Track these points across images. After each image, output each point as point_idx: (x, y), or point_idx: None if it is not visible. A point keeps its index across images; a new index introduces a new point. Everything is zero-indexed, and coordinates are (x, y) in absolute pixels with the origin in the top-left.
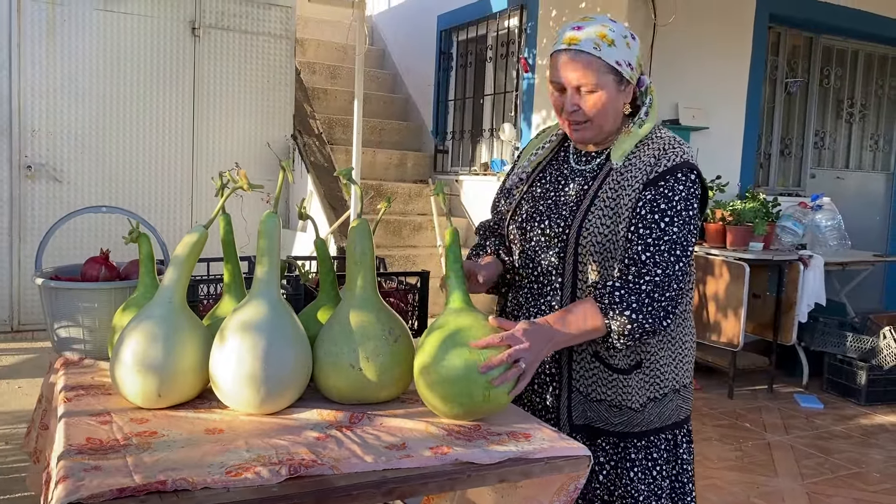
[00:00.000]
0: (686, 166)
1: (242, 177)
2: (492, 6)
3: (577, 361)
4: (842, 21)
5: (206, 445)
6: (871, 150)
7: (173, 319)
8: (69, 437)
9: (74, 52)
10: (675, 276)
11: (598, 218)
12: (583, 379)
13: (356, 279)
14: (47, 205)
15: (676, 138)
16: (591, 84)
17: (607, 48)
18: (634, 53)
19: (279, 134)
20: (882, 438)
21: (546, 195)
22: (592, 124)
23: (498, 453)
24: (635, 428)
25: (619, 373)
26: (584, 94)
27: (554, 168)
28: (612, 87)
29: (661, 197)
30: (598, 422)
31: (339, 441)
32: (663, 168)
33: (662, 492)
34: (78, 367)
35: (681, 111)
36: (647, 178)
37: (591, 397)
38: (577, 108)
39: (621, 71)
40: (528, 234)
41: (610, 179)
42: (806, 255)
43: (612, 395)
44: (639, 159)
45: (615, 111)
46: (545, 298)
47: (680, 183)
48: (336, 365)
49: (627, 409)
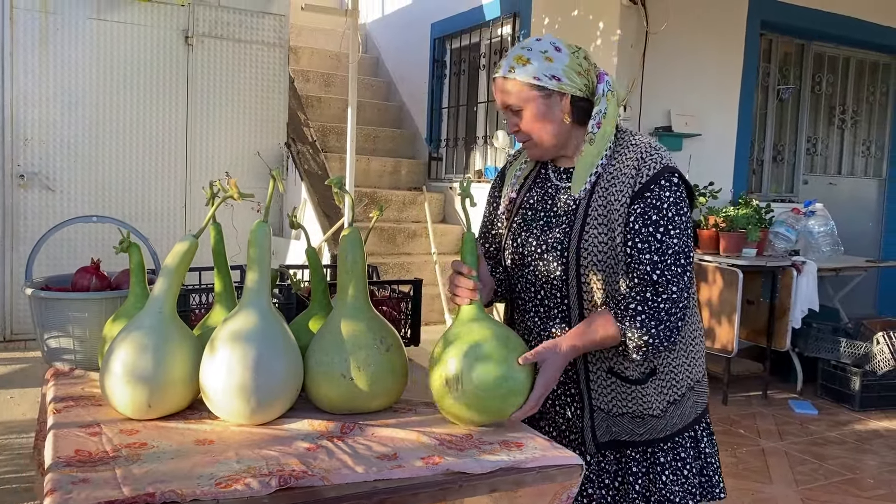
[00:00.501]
0: (667, 171)
1: (233, 186)
2: (485, 14)
3: (594, 380)
4: (833, 28)
5: (196, 457)
6: (863, 156)
7: (163, 329)
8: (58, 449)
9: (67, 61)
10: (686, 286)
11: (594, 231)
12: (602, 396)
13: (347, 288)
14: (40, 214)
15: (652, 144)
16: (515, 103)
17: (521, 68)
18: (560, 65)
19: (273, 142)
20: (876, 444)
21: (537, 215)
22: (533, 141)
23: (489, 463)
24: (660, 434)
25: (635, 384)
26: (518, 114)
27: (538, 188)
28: (539, 102)
29: (651, 208)
30: (624, 435)
31: (330, 451)
32: (645, 178)
33: (695, 489)
34: (68, 378)
35: (673, 118)
36: (633, 191)
37: (613, 412)
38: (516, 128)
39: (544, 85)
40: (527, 259)
41: (597, 192)
42: (799, 261)
43: (632, 406)
44: (619, 170)
45: (553, 124)
46: (554, 321)
47: (665, 190)
48: (327, 375)
49: (650, 416)
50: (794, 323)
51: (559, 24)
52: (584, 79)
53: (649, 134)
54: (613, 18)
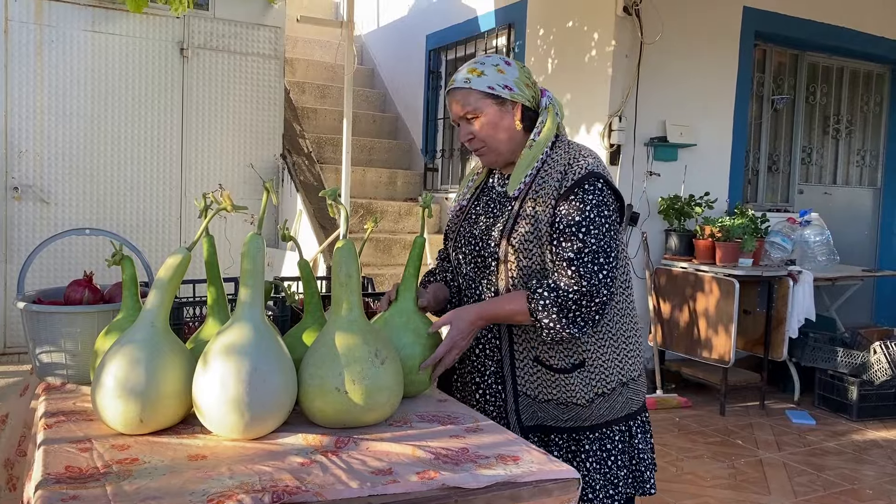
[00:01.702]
0: (592, 176)
1: (226, 198)
2: (480, 26)
3: (520, 368)
4: (826, 38)
5: (188, 472)
6: (857, 166)
7: (156, 343)
8: (48, 465)
9: (62, 73)
10: (603, 283)
11: (521, 228)
12: (528, 383)
13: (342, 301)
14: (34, 226)
15: (583, 150)
16: (471, 110)
17: (476, 79)
18: (511, 77)
19: (269, 153)
20: (874, 454)
21: (478, 220)
22: (488, 147)
23: (486, 477)
24: (585, 422)
25: (560, 373)
26: (471, 122)
27: (485, 195)
28: (492, 109)
29: (575, 210)
30: (549, 420)
31: (325, 466)
32: (570, 181)
33: (619, 480)
34: (60, 393)
35: (668, 128)
36: (559, 193)
37: (539, 398)
38: (471, 136)
39: (497, 93)
40: (466, 258)
41: (529, 194)
42: (795, 271)
43: (557, 394)
44: (549, 175)
45: (505, 130)
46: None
47: (589, 193)
48: (321, 388)
49: (574, 405)
50: (791, 333)
51: (554, 35)
52: (532, 91)
53: (644, 145)
54: (608, 29)
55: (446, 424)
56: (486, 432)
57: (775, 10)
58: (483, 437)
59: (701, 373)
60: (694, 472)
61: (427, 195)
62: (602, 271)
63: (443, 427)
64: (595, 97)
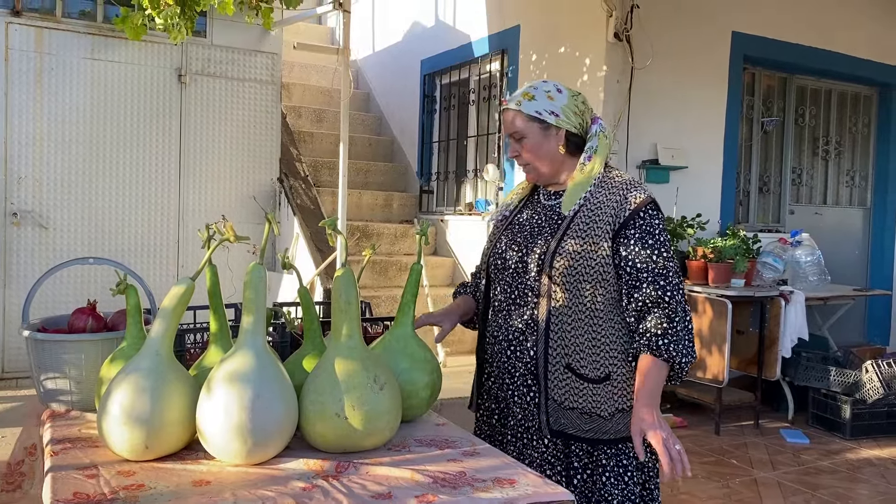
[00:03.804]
0: (652, 202)
1: (229, 229)
2: (474, 51)
3: (552, 372)
4: (814, 62)
5: (193, 498)
6: (847, 186)
7: (160, 371)
8: (56, 491)
9: (62, 100)
10: (685, 299)
11: (570, 241)
12: (557, 388)
13: (341, 328)
14: (33, 252)
15: (636, 179)
16: (518, 131)
17: (527, 102)
18: (560, 103)
19: (266, 177)
20: (868, 473)
21: (523, 228)
22: (531, 166)
23: (483, 500)
24: (605, 435)
25: (589, 382)
26: (519, 141)
27: (529, 208)
28: (538, 133)
29: (646, 234)
30: (571, 428)
31: (326, 491)
32: (633, 205)
33: (636, 497)
34: (65, 420)
35: (660, 151)
36: (624, 216)
37: (565, 405)
38: (517, 153)
39: (544, 118)
40: (507, 263)
41: (581, 213)
42: (787, 291)
43: (583, 403)
44: (605, 197)
45: (548, 153)
46: (522, 319)
47: (654, 218)
48: (322, 414)
49: (597, 416)
50: (784, 352)
51: (546, 61)
52: (580, 118)
53: (637, 168)
54: (599, 55)
55: (444, 448)
56: (482, 456)
57: (764, 34)
58: (480, 460)
59: (695, 393)
60: (690, 493)
61: (424, 223)
62: (681, 286)
63: (440, 451)
64: None
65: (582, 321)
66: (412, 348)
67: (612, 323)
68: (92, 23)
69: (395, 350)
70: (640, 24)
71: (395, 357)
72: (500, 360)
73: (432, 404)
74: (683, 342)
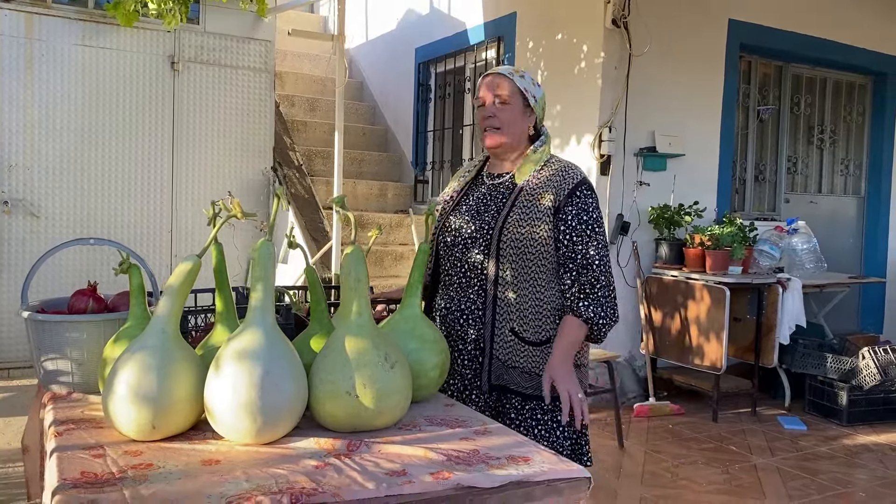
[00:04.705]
0: (586, 183)
1: (236, 205)
2: (469, 39)
3: (498, 336)
4: (809, 50)
5: (204, 476)
6: (842, 175)
7: (167, 349)
8: (63, 471)
9: (53, 87)
10: (610, 269)
11: (515, 221)
12: (501, 349)
13: (351, 306)
14: (24, 240)
15: (571, 163)
16: (505, 95)
17: (518, 77)
18: (539, 93)
19: (259, 166)
20: (865, 458)
21: (470, 208)
22: (501, 131)
23: (499, 477)
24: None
25: (530, 345)
26: (498, 105)
27: (473, 188)
28: (519, 106)
29: (582, 211)
30: (512, 384)
31: (339, 469)
32: (571, 185)
33: (564, 449)
34: (66, 401)
35: (657, 139)
36: (563, 195)
37: (508, 364)
38: (493, 114)
39: (527, 97)
40: (457, 239)
41: (523, 192)
42: (784, 278)
43: (524, 363)
44: (545, 179)
45: (520, 128)
46: (472, 289)
47: (588, 197)
48: (333, 392)
49: (536, 375)
50: (782, 339)
51: (543, 48)
52: (541, 115)
53: (634, 155)
54: (597, 42)
55: (455, 428)
56: (495, 434)
57: (760, 22)
58: (492, 439)
59: (693, 380)
60: (690, 478)
61: (432, 202)
62: (608, 260)
63: (451, 430)
64: (585, 108)
65: (525, 290)
66: (421, 329)
67: (552, 291)
68: (83, 9)
69: (403, 330)
70: (637, 11)
71: (403, 338)
72: (454, 329)
73: (440, 384)
74: (603, 306)
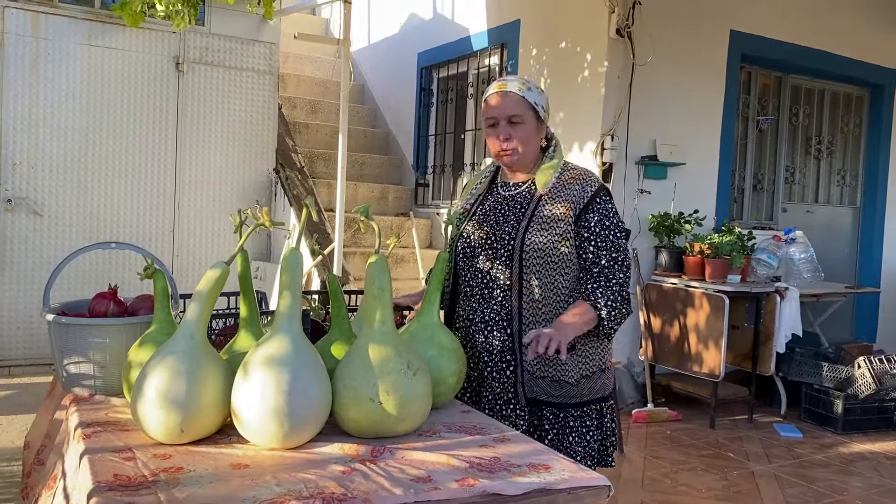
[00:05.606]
0: (605, 189)
1: (264, 214)
2: (472, 45)
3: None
4: (808, 62)
5: (235, 480)
6: (838, 185)
7: (196, 355)
8: (96, 473)
9: (58, 86)
10: (629, 270)
11: (536, 232)
12: (530, 361)
13: (374, 314)
14: (27, 239)
15: (587, 169)
16: (519, 115)
17: (527, 91)
18: (544, 101)
19: (262, 168)
20: (860, 466)
21: (487, 217)
22: (519, 150)
23: (523, 484)
24: (572, 399)
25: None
26: (513, 124)
27: (490, 198)
28: (532, 121)
29: (604, 217)
30: (542, 395)
31: (366, 475)
32: (591, 192)
33: (595, 453)
34: (89, 404)
35: (658, 147)
36: (583, 202)
37: (536, 375)
38: (509, 136)
39: (538, 110)
40: (477, 252)
41: (542, 202)
42: (782, 287)
43: (552, 372)
44: (563, 186)
45: (535, 142)
46: (495, 299)
47: (609, 203)
48: (356, 399)
49: (565, 383)
50: (779, 348)
51: (547, 56)
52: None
53: (636, 163)
54: (601, 50)
55: (473, 434)
56: (513, 442)
57: (761, 33)
58: (512, 446)
59: (691, 387)
60: (689, 484)
61: (453, 215)
62: (628, 262)
63: (471, 437)
64: (588, 116)
65: (550, 298)
66: (439, 336)
67: (575, 297)
68: (89, 8)
69: (422, 338)
70: (641, 21)
71: (422, 345)
72: (478, 341)
73: (457, 391)
74: (614, 296)
